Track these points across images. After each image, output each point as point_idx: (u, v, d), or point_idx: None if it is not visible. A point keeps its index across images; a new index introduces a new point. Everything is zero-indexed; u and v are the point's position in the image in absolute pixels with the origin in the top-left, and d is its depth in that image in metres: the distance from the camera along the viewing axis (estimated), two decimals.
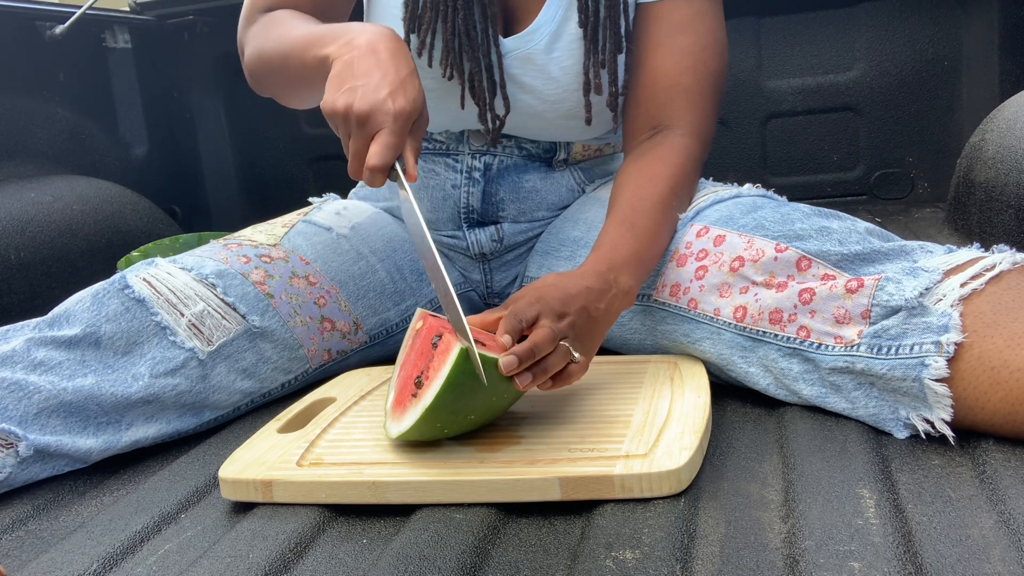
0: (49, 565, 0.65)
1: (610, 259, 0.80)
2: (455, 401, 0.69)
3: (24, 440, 0.78)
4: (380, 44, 0.77)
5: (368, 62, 0.75)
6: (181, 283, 0.90)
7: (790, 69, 1.78)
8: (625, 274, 0.80)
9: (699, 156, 0.94)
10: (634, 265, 0.81)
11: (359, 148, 0.74)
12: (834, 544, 0.56)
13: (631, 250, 0.82)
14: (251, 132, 2.09)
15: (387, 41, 0.77)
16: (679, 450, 0.67)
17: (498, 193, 1.05)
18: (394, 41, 0.78)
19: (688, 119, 0.94)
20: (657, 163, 0.90)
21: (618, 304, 0.79)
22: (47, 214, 1.47)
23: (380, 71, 0.74)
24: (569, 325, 0.73)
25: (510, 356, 0.67)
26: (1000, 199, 1.21)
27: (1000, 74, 1.64)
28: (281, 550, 0.63)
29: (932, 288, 0.71)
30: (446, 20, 0.92)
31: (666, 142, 0.92)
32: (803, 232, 0.80)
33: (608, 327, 0.79)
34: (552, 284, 0.75)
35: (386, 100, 0.73)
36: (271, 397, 0.95)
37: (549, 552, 0.60)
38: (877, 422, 0.73)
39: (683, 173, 0.90)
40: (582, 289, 0.76)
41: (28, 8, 1.65)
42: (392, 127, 0.73)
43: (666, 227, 0.87)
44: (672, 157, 0.91)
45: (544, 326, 0.71)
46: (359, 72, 0.74)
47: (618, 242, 0.82)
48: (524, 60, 0.95)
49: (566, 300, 0.74)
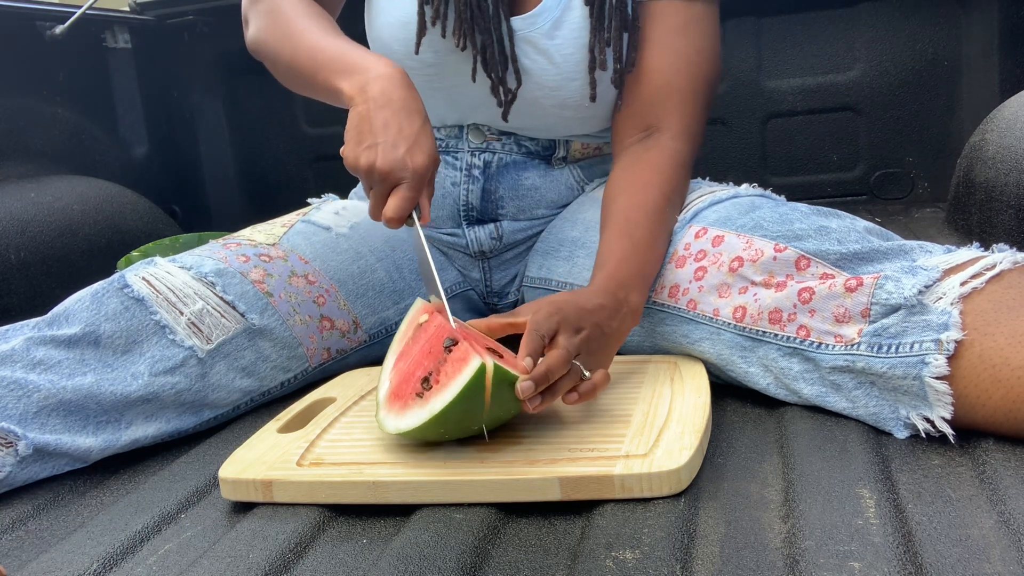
0: (49, 565, 0.65)
1: (618, 277, 0.81)
2: (464, 412, 0.68)
3: (24, 439, 0.78)
4: (394, 94, 0.80)
5: (383, 115, 0.79)
6: (180, 282, 0.90)
7: (790, 69, 1.78)
8: (634, 292, 0.81)
9: (689, 160, 0.94)
10: (638, 280, 0.82)
11: (379, 199, 0.80)
12: (834, 544, 0.56)
13: (635, 265, 0.83)
14: (251, 132, 2.09)
15: (400, 90, 0.81)
16: (679, 450, 0.67)
17: (497, 191, 1.05)
18: (406, 88, 0.82)
19: (679, 122, 0.94)
20: (649, 171, 0.90)
21: (628, 323, 0.81)
22: (47, 214, 1.47)
23: (396, 126, 0.79)
24: (583, 340, 0.74)
25: (528, 382, 0.68)
26: (1000, 199, 1.21)
27: (1000, 74, 1.64)
28: (281, 550, 0.63)
29: (932, 286, 0.71)
30: None
31: (656, 147, 0.93)
32: (802, 232, 0.80)
33: (619, 345, 0.80)
34: (567, 299, 0.76)
35: (404, 158, 0.78)
36: (271, 396, 0.95)
37: (549, 552, 0.60)
38: (877, 421, 0.73)
39: (674, 179, 0.91)
40: (596, 306, 0.77)
41: (28, 8, 1.65)
42: (410, 183, 0.78)
43: (662, 236, 0.87)
44: (663, 163, 0.91)
45: (559, 346, 0.71)
46: (377, 127, 0.79)
47: (622, 257, 0.83)
48: (526, 42, 0.96)
49: (582, 315, 0.75)
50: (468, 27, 0.93)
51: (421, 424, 0.68)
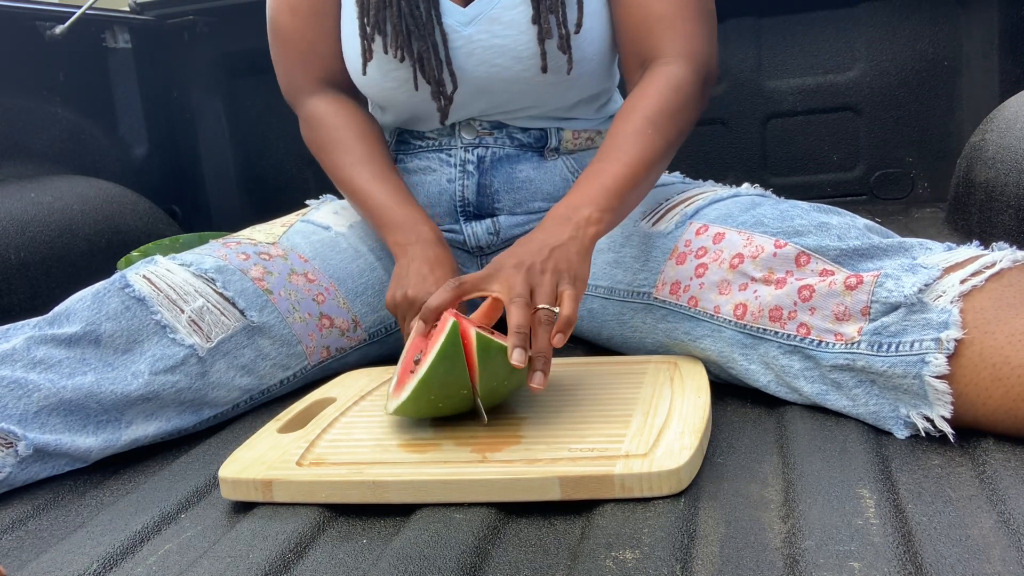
0: (49, 565, 0.65)
1: (571, 199, 0.83)
2: (447, 373, 0.71)
3: (24, 439, 0.78)
4: (428, 252, 0.94)
5: (417, 267, 0.92)
6: (180, 279, 0.90)
7: (790, 69, 1.78)
8: (587, 206, 0.82)
9: (688, 78, 0.92)
10: (598, 197, 0.83)
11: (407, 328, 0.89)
12: (834, 544, 0.56)
13: (595, 185, 0.84)
14: (251, 132, 2.09)
15: (432, 248, 0.94)
16: (679, 450, 0.67)
17: (492, 184, 1.06)
18: (437, 247, 0.95)
19: (673, 46, 0.93)
20: (634, 97, 0.91)
21: (583, 231, 0.80)
22: (47, 214, 1.47)
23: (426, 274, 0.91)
24: (529, 268, 0.76)
25: (516, 349, 0.71)
26: (1000, 199, 1.21)
27: (1000, 74, 1.64)
28: (281, 550, 0.63)
29: (932, 284, 0.71)
30: (390, 5, 0.96)
31: (649, 75, 0.93)
32: (802, 228, 0.80)
33: (582, 255, 0.80)
34: (512, 246, 0.81)
35: (429, 288, 0.89)
36: (270, 395, 0.95)
37: (549, 552, 0.60)
38: (877, 420, 0.73)
39: (662, 97, 0.90)
40: (539, 232, 0.80)
41: (28, 8, 1.65)
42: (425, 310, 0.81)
43: (642, 154, 0.86)
44: (650, 87, 0.91)
45: (512, 305, 0.73)
46: (412, 274, 0.91)
47: (582, 182, 0.85)
48: (492, 21, 0.97)
49: (521, 249, 0.78)
50: (404, 39, 0.97)
51: (411, 394, 0.72)
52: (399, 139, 1.11)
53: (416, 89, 1.00)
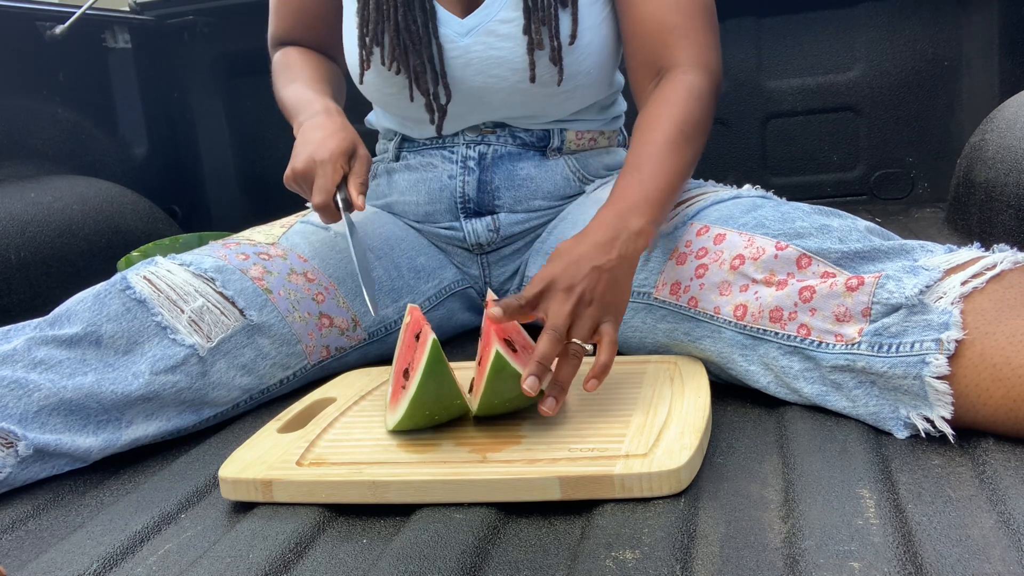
0: (49, 565, 0.65)
1: (617, 207, 0.82)
2: (437, 388, 0.72)
3: (24, 439, 0.78)
4: (316, 121, 0.96)
5: (304, 138, 0.95)
6: (180, 279, 0.90)
7: (790, 69, 1.78)
8: (635, 216, 0.81)
9: (707, 88, 0.92)
10: (643, 206, 0.82)
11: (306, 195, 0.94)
12: (834, 544, 0.56)
13: (639, 194, 0.83)
14: (251, 132, 2.09)
15: (319, 117, 0.96)
16: (679, 450, 0.67)
17: (493, 181, 1.06)
18: (327, 117, 0.96)
19: (686, 55, 0.93)
20: (659, 104, 0.90)
21: (632, 247, 0.80)
22: (47, 214, 1.47)
23: (311, 141, 0.93)
24: (579, 298, 0.75)
25: (531, 378, 0.70)
26: (1000, 199, 1.21)
27: (1000, 74, 1.64)
28: (281, 550, 0.63)
29: (932, 286, 0.71)
30: (388, 19, 0.98)
31: (668, 83, 0.93)
32: (803, 230, 0.80)
33: (630, 274, 0.80)
34: (560, 253, 0.79)
35: (312, 154, 0.91)
36: (270, 394, 0.95)
37: (549, 552, 0.60)
38: (877, 421, 0.73)
39: (688, 108, 0.90)
40: (590, 247, 0.78)
41: (28, 8, 1.65)
42: (321, 172, 0.91)
43: (677, 165, 0.86)
44: (673, 95, 0.90)
45: (548, 327, 0.72)
46: (298, 147, 0.94)
47: (625, 189, 0.84)
48: (489, 33, 0.98)
49: (572, 268, 0.76)
50: (400, 52, 0.99)
51: (406, 411, 0.72)
52: (403, 136, 1.12)
53: (412, 100, 1.02)
